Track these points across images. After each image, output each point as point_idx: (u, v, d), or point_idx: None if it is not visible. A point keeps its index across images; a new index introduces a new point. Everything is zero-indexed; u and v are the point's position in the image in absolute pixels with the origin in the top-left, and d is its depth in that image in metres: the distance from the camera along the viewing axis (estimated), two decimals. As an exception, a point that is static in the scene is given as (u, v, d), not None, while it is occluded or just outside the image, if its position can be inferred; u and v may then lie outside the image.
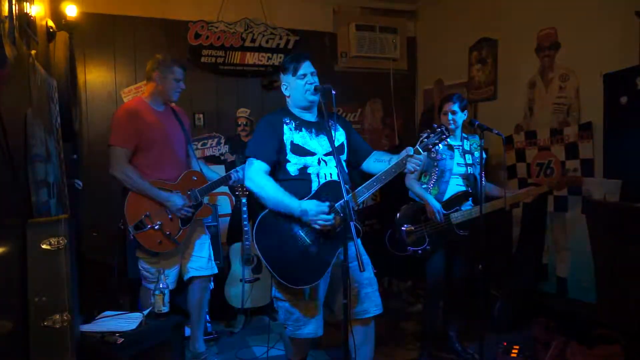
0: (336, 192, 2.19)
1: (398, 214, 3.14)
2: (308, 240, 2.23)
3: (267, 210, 2.25)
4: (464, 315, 3.32)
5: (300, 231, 2.23)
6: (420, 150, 2.25)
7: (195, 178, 2.99)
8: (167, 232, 2.79)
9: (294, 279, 2.23)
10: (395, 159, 2.29)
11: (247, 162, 2.32)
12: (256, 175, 2.26)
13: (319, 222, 2.16)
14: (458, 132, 3.17)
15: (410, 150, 2.24)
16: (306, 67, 2.34)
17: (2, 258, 1.54)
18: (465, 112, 3.15)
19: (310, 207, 2.17)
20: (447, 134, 2.27)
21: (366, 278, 2.35)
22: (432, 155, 3.11)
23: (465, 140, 3.18)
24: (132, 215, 2.74)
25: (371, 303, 2.36)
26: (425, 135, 2.30)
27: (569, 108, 3.61)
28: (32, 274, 1.70)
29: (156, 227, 2.76)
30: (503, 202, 2.95)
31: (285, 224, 2.23)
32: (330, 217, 2.17)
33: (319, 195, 2.25)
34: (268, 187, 2.22)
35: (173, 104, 3.10)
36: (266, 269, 2.28)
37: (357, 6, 5.10)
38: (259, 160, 2.27)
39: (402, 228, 3.09)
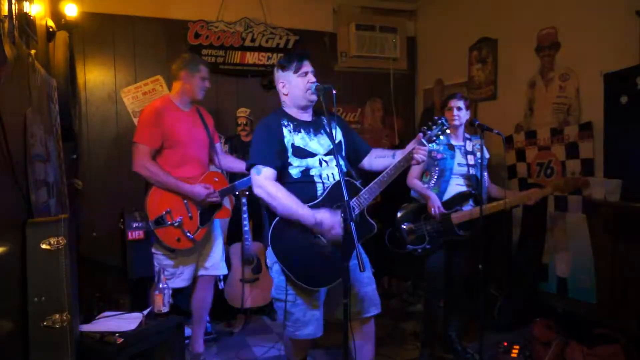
0: (348, 192, 2.17)
1: (399, 212, 3.15)
2: (325, 241, 2.21)
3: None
4: (464, 315, 3.32)
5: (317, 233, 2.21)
6: (425, 142, 2.26)
7: (217, 179, 3.02)
8: (187, 230, 2.81)
9: (314, 281, 2.22)
10: (400, 153, 2.29)
11: (253, 169, 2.24)
12: (266, 183, 2.20)
13: (333, 232, 2.15)
14: (461, 131, 3.17)
15: (421, 138, 2.26)
16: (307, 66, 2.32)
17: (2, 258, 1.54)
18: (468, 111, 3.16)
19: (325, 216, 2.15)
20: (447, 125, 2.30)
21: (365, 277, 2.34)
22: (432, 155, 3.11)
23: (467, 141, 3.18)
24: (153, 210, 2.77)
25: (370, 303, 2.35)
26: (426, 127, 2.30)
27: (569, 108, 3.60)
28: (32, 273, 1.70)
29: (176, 224, 2.79)
30: (504, 204, 2.96)
31: (300, 227, 2.19)
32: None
33: (329, 198, 2.23)
34: (280, 196, 2.16)
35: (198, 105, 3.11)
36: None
37: (357, 6, 5.10)
38: (267, 167, 2.21)
39: (403, 226, 3.10)
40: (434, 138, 2.28)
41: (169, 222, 2.78)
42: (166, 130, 2.82)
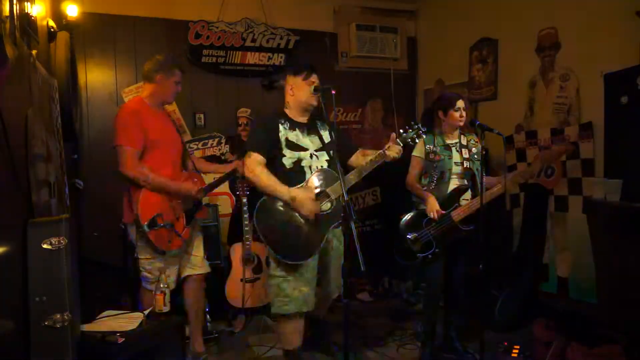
0: (328, 179, 2.62)
1: (400, 225, 3.13)
2: (302, 219, 2.59)
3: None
4: (464, 315, 3.32)
5: (295, 211, 2.59)
6: (399, 143, 2.61)
7: (196, 180, 3.03)
8: (177, 231, 2.83)
9: (291, 256, 2.59)
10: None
11: (246, 155, 2.67)
12: (252, 165, 2.63)
13: (304, 209, 2.53)
14: (458, 130, 3.18)
15: (396, 139, 2.61)
16: (316, 78, 2.69)
17: (3, 258, 1.55)
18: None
19: (298, 192, 2.55)
20: (423, 130, 2.65)
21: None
22: (431, 157, 3.11)
23: (462, 136, 3.19)
24: (145, 214, 2.75)
25: (334, 284, 2.84)
26: (402, 130, 2.66)
27: (570, 108, 3.61)
28: (33, 273, 1.70)
29: (167, 226, 2.79)
30: (502, 188, 2.95)
31: (281, 205, 2.60)
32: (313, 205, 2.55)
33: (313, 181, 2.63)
34: (262, 176, 2.60)
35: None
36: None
37: (357, 6, 5.10)
38: (256, 152, 2.64)
39: (408, 236, 3.08)
40: (408, 140, 2.63)
41: (161, 225, 2.78)
42: (146, 131, 2.79)
